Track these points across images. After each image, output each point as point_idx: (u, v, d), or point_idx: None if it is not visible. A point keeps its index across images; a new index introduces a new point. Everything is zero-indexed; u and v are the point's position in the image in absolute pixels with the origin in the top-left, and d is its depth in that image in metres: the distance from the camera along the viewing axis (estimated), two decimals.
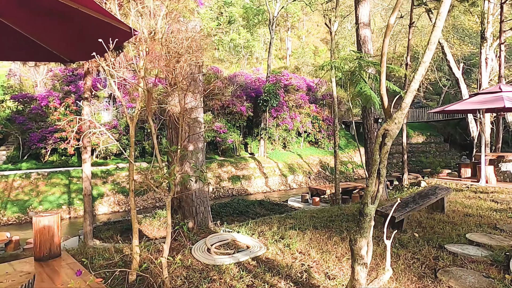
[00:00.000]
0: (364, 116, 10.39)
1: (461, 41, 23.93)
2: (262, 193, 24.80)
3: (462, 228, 6.18)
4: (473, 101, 10.28)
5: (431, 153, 33.10)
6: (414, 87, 3.27)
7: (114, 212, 20.15)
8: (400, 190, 11.24)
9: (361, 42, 10.42)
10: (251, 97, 27.81)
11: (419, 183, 11.19)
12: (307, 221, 7.21)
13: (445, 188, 7.45)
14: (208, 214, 6.29)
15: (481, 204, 8.11)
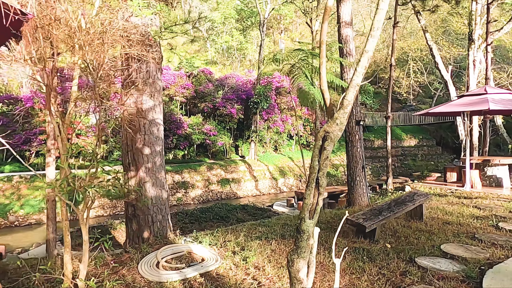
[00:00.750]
0: None
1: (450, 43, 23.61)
2: (251, 196, 24.34)
3: (438, 238, 5.76)
4: (458, 104, 9.91)
5: (422, 156, 32.76)
6: (356, 81, 2.85)
7: (98, 216, 19.63)
8: (384, 195, 10.83)
9: (343, 42, 10.02)
10: (241, 99, 27.39)
11: (404, 188, 10.79)
12: (278, 230, 6.77)
13: (423, 195, 7.04)
14: (167, 223, 5.84)
15: (462, 211, 7.70)
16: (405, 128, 34.67)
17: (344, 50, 10.02)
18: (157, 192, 5.57)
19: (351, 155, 9.76)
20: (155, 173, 5.60)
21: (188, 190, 22.81)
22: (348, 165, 9.85)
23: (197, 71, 29.36)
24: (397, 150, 32.59)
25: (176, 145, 25.43)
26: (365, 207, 9.33)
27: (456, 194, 9.60)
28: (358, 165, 9.67)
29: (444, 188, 10.26)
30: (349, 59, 9.95)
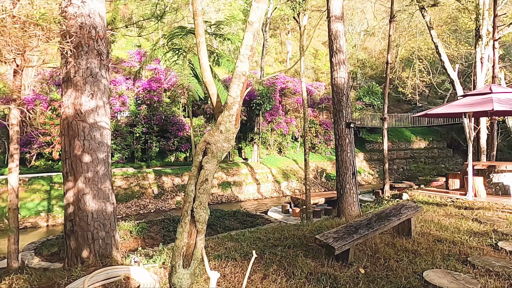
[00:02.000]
0: (335, 120, 9.11)
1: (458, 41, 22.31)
2: (253, 200, 23.56)
3: (423, 261, 4.87)
4: (460, 104, 8.92)
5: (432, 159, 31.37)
6: (241, 70, 2.06)
7: None
8: (379, 203, 9.90)
9: (332, 38, 9.15)
10: (244, 100, 26.63)
11: (401, 196, 9.84)
12: (246, 246, 5.98)
13: (413, 207, 6.13)
14: (112, 240, 5.12)
15: (460, 225, 6.74)
16: (414, 130, 33.33)
17: (333, 46, 9.15)
18: (100, 205, 4.87)
19: (340, 160, 8.88)
20: (97, 183, 4.90)
21: None
22: (338, 171, 8.97)
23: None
24: (406, 152, 31.31)
25: (178, 148, 24.86)
26: (355, 217, 8.44)
27: (457, 204, 8.61)
28: (348, 171, 8.78)
29: (444, 196, 9.27)
30: (339, 56, 9.07)
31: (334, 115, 9.16)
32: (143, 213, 20.29)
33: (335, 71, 9.14)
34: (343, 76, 9.05)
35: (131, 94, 24.87)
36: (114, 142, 23.18)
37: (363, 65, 36.19)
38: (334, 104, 9.17)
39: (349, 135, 8.91)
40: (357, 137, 32.21)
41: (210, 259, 5.21)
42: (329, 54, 9.38)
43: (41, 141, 21.16)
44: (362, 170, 29.13)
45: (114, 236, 5.15)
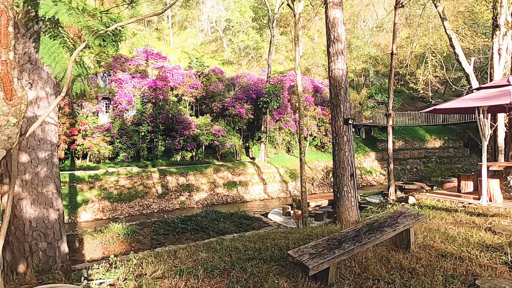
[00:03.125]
0: (332, 116, 8.19)
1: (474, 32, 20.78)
2: (259, 200, 22.75)
3: (420, 285, 3.95)
4: (473, 98, 7.86)
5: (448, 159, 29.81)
6: None
7: (97, 219, 18.74)
8: (383, 208, 8.92)
9: (330, 26, 8.23)
10: (251, 98, 25.87)
11: (407, 199, 8.85)
12: (218, 258, 5.18)
13: (412, 216, 5.19)
14: (57, 252, 4.41)
15: (470, 236, 5.75)
16: (429, 128, 31.80)
17: (331, 35, 8.23)
18: (40, 212, 4.17)
19: (337, 160, 7.96)
20: (37, 187, 4.20)
21: (192, 193, 21.54)
22: (334, 172, 8.05)
23: (207, 70, 28.11)
24: (420, 152, 29.87)
25: (183, 147, 24.27)
26: (353, 224, 7.52)
27: (469, 210, 7.57)
28: (346, 172, 7.86)
29: (455, 200, 8.22)
30: (337, 46, 8.14)
31: (332, 110, 8.25)
32: (146, 213, 19.77)
33: (332, 62, 8.22)
34: (341, 68, 8.12)
35: (138, 93, 24.42)
36: (119, 141, 22.77)
37: (375, 62, 34.84)
38: (331, 98, 8.26)
39: (348, 133, 7.98)
40: (369, 136, 30.96)
41: (168, 277, 4.43)
42: (326, 44, 8.47)
43: None
44: (373, 170, 27.91)
45: (59, 247, 4.44)
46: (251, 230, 10.78)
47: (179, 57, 36.43)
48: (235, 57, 37.68)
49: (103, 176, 20.64)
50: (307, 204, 13.26)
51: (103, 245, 9.56)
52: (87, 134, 22.15)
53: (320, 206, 13.21)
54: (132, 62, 25.81)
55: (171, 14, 42.33)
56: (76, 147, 21.83)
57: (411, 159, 29.21)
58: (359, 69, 34.95)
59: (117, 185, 20.44)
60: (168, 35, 41.74)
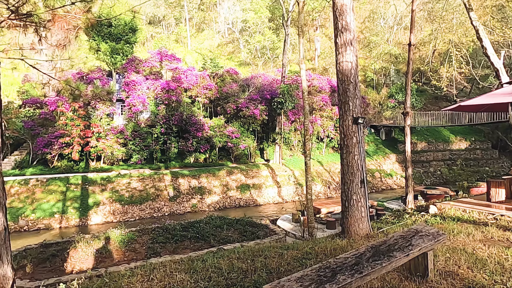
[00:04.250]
0: (340, 115, 7.16)
1: (504, 23, 18.93)
2: (273, 204, 21.76)
3: None
4: (504, 93, 6.68)
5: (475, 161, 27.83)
6: None
7: (107, 222, 18.31)
8: (399, 218, 7.80)
9: (337, 13, 7.21)
10: (266, 99, 24.95)
11: (428, 209, 7.70)
12: (193, 282, 4.31)
13: (431, 235, 4.14)
14: None
15: (505, 259, 4.61)
16: (453, 129, 29.87)
17: (338, 24, 7.21)
18: None
19: (345, 164, 6.92)
20: None
21: (204, 196, 20.82)
22: (342, 178, 7.01)
23: (222, 71, 27.42)
24: (444, 154, 28.05)
25: (197, 148, 23.62)
26: (364, 237, 6.47)
27: (502, 223, 6.38)
28: (355, 178, 6.81)
29: (484, 211, 7.02)
30: (346, 35, 7.12)
31: (339, 108, 7.23)
32: (157, 216, 19.19)
33: (340, 54, 7.19)
34: (350, 60, 7.09)
35: (151, 94, 24.00)
36: (132, 143, 22.37)
37: (396, 60, 33.17)
38: (339, 95, 7.24)
39: (357, 133, 6.94)
40: (389, 137, 29.40)
41: None
42: (333, 34, 7.46)
43: (61, 142, 20.75)
44: (394, 172, 26.38)
45: None
46: (255, 239, 9.86)
47: (196, 59, 36.00)
48: (251, 58, 36.90)
49: (115, 178, 20.26)
50: (317, 210, 12.20)
51: (96, 254, 8.89)
52: (101, 136, 21.88)
53: (332, 212, 12.13)
54: (146, 63, 25.45)
55: (188, 16, 42.05)
56: (90, 149, 21.57)
57: (434, 162, 27.46)
58: (379, 68, 33.39)
59: (129, 187, 20.00)
60: (185, 37, 41.46)
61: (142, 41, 39.86)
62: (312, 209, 8.81)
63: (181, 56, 35.03)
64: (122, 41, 24.30)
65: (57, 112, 21.99)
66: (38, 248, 9.45)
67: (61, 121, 21.46)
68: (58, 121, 21.66)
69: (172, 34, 41.53)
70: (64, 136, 20.90)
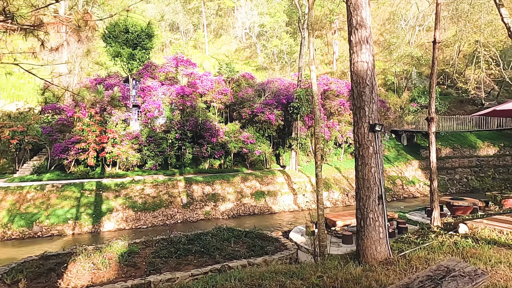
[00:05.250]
0: (355, 121, 6.28)
1: None
2: (288, 212, 20.83)
3: None
4: None
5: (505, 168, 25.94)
6: None
7: (120, 229, 17.90)
8: (424, 238, 6.78)
9: (352, 8, 6.34)
10: (282, 104, 24.13)
11: (456, 228, 6.66)
12: None
13: (468, 276, 3.21)
14: None
15: None
16: (481, 134, 28.04)
17: (353, 20, 6.34)
18: None
19: (361, 177, 6.02)
20: None
21: (218, 203, 20.13)
22: (357, 193, 6.11)
23: (237, 76, 26.81)
24: (471, 160, 26.31)
25: (211, 154, 23.01)
26: (382, 263, 5.54)
27: None
28: (372, 193, 5.90)
29: None
30: (361, 33, 6.24)
31: (354, 114, 6.34)
32: (169, 224, 18.63)
33: (355, 53, 6.31)
34: (366, 60, 6.21)
35: (167, 100, 23.64)
36: (147, 148, 22.02)
37: (418, 63, 31.63)
38: (353, 99, 6.36)
39: (374, 142, 6.03)
40: (411, 142, 27.91)
41: None
42: (347, 31, 6.59)
43: (78, 148, 20.62)
44: (416, 180, 24.91)
45: None
46: (264, 255, 9.02)
47: (213, 65, 35.63)
48: (268, 63, 36.19)
49: (129, 184, 19.89)
50: (332, 223, 11.24)
51: (93, 269, 8.30)
52: (116, 142, 21.63)
53: (349, 225, 11.14)
54: (162, 69, 25.15)
55: (206, 22, 41.86)
56: (105, 155, 21.33)
57: (460, 168, 25.79)
58: (400, 71, 31.93)
59: (142, 193, 19.58)
60: (203, 43, 41.26)
61: (161, 47, 39.93)
62: (323, 226, 7.89)
63: (199, 62, 34.76)
64: (139, 47, 24.11)
65: (74, 118, 21.93)
66: (37, 261, 8.96)
67: (77, 127, 21.36)
68: (75, 127, 21.57)
69: (190, 40, 41.42)
70: (80, 142, 20.74)
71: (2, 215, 17.04)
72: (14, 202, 17.77)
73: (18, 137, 21.37)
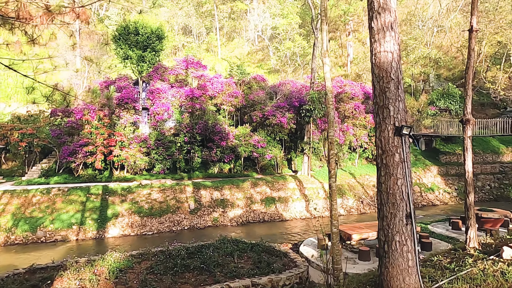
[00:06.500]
0: (377, 123, 5.16)
1: None
2: (300, 219, 19.62)
3: None
4: None
5: None
6: None
7: (124, 235, 17.05)
8: (460, 264, 5.56)
9: (375, 7, 5.26)
10: (294, 107, 23.01)
11: (499, 252, 5.46)
12: None
13: None
14: None
15: None
16: (504, 139, 26.24)
17: (374, 2, 5.25)
18: None
19: (384, 190, 4.89)
20: None
21: (227, 209, 19.11)
22: (380, 210, 4.99)
23: (249, 78, 25.85)
24: (494, 166, 24.57)
25: (221, 158, 22.05)
26: None
27: None
28: (398, 211, 4.76)
29: None
30: (384, 17, 5.14)
31: (375, 114, 5.22)
32: (176, 230, 17.70)
33: (376, 42, 5.19)
34: (390, 50, 5.08)
35: (176, 102, 22.86)
36: (155, 152, 21.23)
37: (436, 65, 30.03)
38: (374, 96, 5.24)
39: (401, 148, 4.89)
40: (429, 147, 26.34)
41: None
42: (367, 17, 5.50)
43: (85, 151, 19.99)
44: (436, 187, 23.35)
45: None
46: (270, 274, 7.93)
47: (225, 67, 34.81)
48: (280, 65, 35.14)
49: (136, 188, 19.10)
50: (347, 236, 10.04)
51: (80, 286, 7.37)
52: (124, 145, 20.92)
53: (366, 239, 9.93)
54: (172, 71, 24.41)
55: (219, 26, 41.16)
56: (113, 158, 20.63)
57: (482, 175, 24.09)
58: (417, 73, 30.38)
59: (149, 198, 18.74)
60: (216, 46, 40.55)
61: (174, 51, 39.40)
62: (338, 246, 6.73)
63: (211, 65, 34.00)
64: (149, 49, 23.47)
65: (83, 121, 21.36)
66: (23, 275, 8.10)
67: (86, 130, 20.76)
68: (83, 129, 20.98)
69: (203, 44, 40.77)
70: (88, 145, 20.11)
71: (6, 219, 16.45)
72: (19, 206, 17.19)
73: (27, 140, 20.92)
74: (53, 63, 6.57)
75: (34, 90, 7.75)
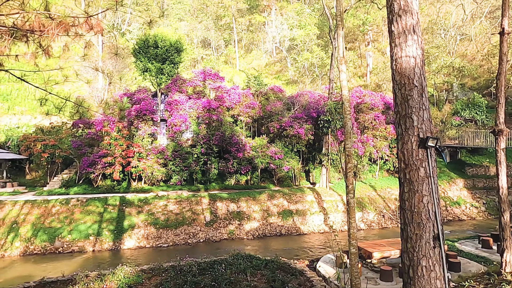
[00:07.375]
0: (398, 134, 4.71)
1: None
2: (318, 233, 18.92)
3: None
4: None
5: None
6: None
7: (140, 247, 16.87)
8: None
9: (395, 9, 4.86)
10: (312, 117, 22.53)
11: None
12: None
13: None
14: None
15: None
16: None
17: (394, 4, 4.85)
18: None
19: (408, 209, 4.40)
20: None
21: (243, 222, 18.67)
22: (403, 230, 4.48)
23: (266, 89, 25.61)
24: None
25: (237, 170, 21.73)
26: None
27: None
28: (425, 232, 4.25)
29: None
30: (406, 20, 4.73)
31: (397, 125, 4.77)
32: (191, 243, 17.38)
33: (397, 46, 4.78)
34: (412, 55, 4.66)
35: (194, 114, 22.84)
36: (172, 163, 21.16)
37: (460, 74, 28.93)
38: (395, 105, 4.80)
39: (426, 162, 4.40)
40: (454, 159, 25.14)
41: None
42: (387, 20, 5.09)
43: (104, 162, 20.15)
44: (461, 200, 22.14)
45: None
46: None
47: (243, 79, 34.79)
48: (298, 76, 34.83)
49: (152, 200, 18.98)
50: (368, 254, 9.40)
51: None
52: (142, 156, 20.97)
53: (388, 257, 9.27)
54: (190, 83, 24.49)
55: (237, 38, 41.44)
56: (131, 169, 20.69)
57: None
58: (440, 83, 29.34)
59: (165, 210, 18.55)
60: (234, 58, 40.75)
61: (193, 63, 39.84)
62: (357, 268, 6.18)
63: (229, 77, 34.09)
64: (167, 61, 23.68)
65: (102, 132, 21.61)
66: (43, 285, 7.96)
67: (105, 141, 20.96)
68: (103, 140, 21.20)
69: (221, 56, 41.08)
70: (106, 156, 20.26)
71: (26, 229, 16.60)
72: (39, 216, 17.34)
73: (49, 151, 21.32)
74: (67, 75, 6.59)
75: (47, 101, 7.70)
